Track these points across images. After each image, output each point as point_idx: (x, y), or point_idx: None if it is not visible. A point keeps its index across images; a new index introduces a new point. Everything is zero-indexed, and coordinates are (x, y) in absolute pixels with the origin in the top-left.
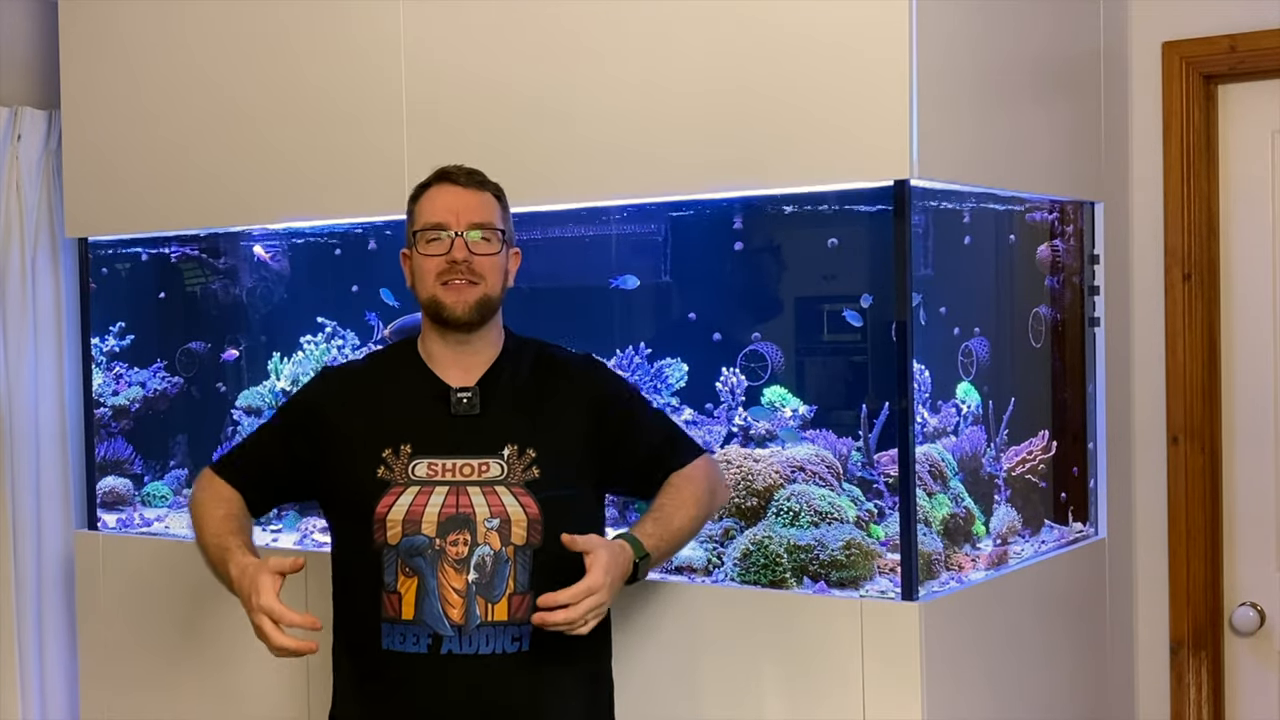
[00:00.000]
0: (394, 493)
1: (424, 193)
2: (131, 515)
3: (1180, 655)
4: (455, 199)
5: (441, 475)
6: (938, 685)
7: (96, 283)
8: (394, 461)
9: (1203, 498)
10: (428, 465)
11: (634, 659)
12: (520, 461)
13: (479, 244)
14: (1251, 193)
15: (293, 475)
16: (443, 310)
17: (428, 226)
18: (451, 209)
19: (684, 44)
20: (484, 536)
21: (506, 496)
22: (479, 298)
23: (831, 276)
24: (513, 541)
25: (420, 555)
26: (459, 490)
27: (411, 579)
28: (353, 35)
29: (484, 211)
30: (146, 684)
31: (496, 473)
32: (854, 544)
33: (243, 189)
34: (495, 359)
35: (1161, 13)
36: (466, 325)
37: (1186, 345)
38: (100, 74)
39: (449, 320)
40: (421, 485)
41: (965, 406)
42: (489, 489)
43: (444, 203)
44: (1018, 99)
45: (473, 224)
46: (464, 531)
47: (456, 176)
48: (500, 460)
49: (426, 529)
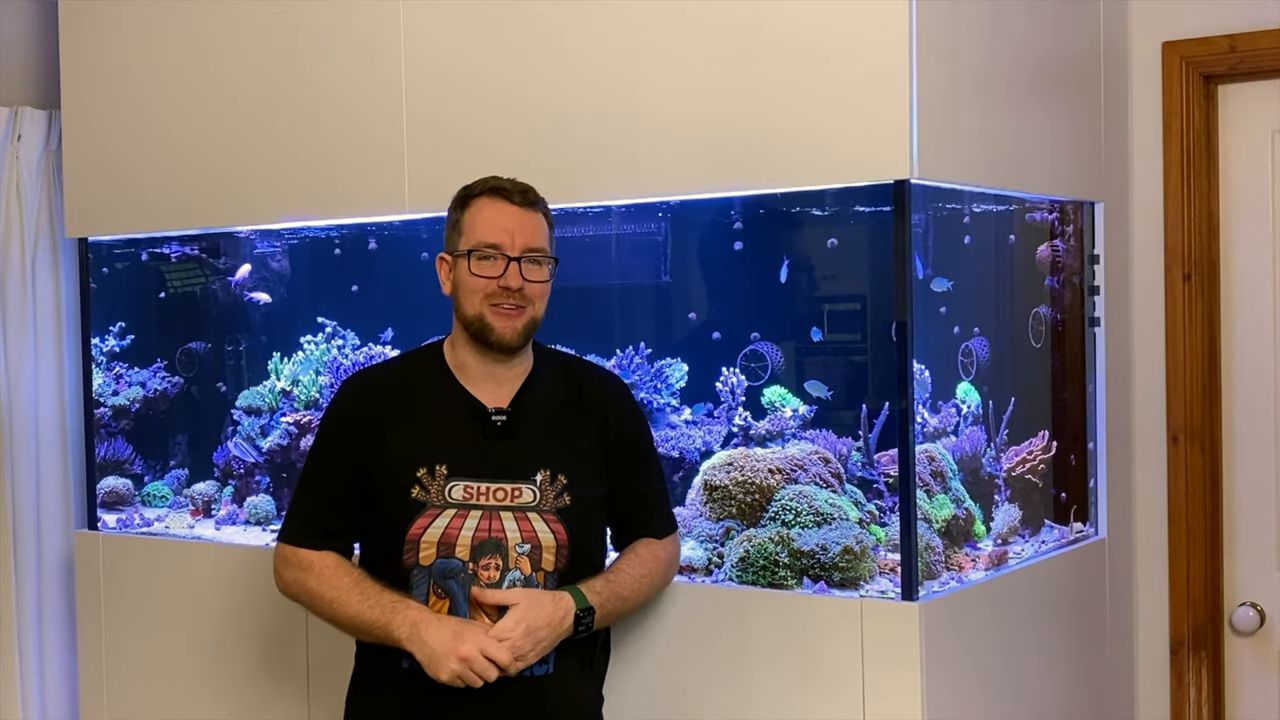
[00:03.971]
0: (430, 515)
1: (473, 203)
2: (131, 515)
3: (1180, 655)
4: (510, 219)
5: (476, 499)
6: (938, 685)
7: (96, 283)
8: (429, 482)
9: (1203, 498)
10: (464, 488)
11: (634, 659)
12: (553, 488)
13: (531, 269)
14: (1251, 193)
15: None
16: (490, 334)
17: (482, 245)
18: (507, 230)
19: (684, 43)
20: (515, 561)
21: (538, 523)
22: (527, 322)
23: (831, 276)
24: (543, 567)
25: (453, 578)
26: (492, 515)
27: (443, 600)
28: (352, 35)
29: (538, 235)
30: (146, 684)
31: (529, 499)
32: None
33: (242, 189)
34: (527, 375)
35: (1161, 13)
36: (512, 349)
37: (1186, 345)
38: (100, 74)
39: (495, 344)
40: (457, 509)
41: (965, 406)
42: (521, 515)
43: (500, 222)
44: (1018, 99)
45: (527, 248)
46: (496, 556)
47: (511, 194)
48: (533, 486)
49: (460, 552)
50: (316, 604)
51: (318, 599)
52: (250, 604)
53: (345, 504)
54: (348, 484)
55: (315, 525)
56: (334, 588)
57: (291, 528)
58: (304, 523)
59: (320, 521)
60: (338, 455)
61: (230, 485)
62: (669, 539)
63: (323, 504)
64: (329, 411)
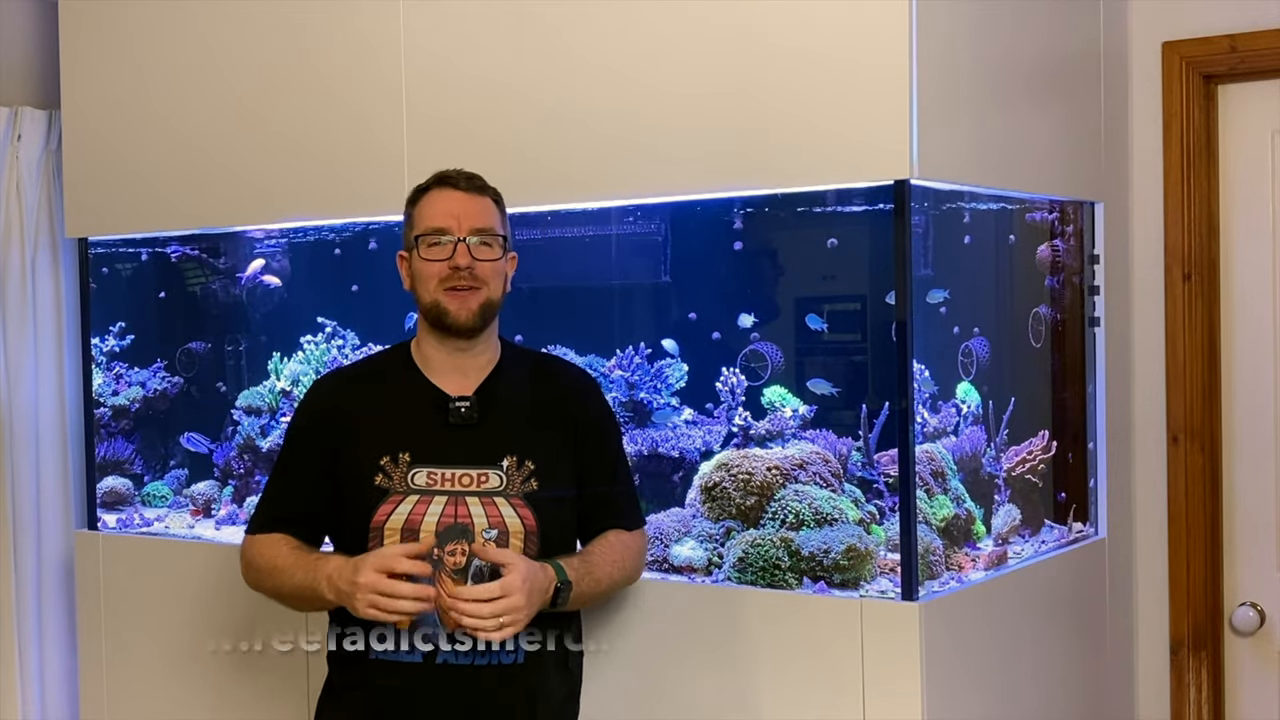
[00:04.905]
0: (393, 501)
1: (423, 196)
2: (131, 515)
3: (1180, 655)
4: (456, 204)
5: (441, 484)
6: (938, 685)
7: (96, 283)
8: (392, 470)
9: (1203, 498)
10: (427, 474)
11: (634, 659)
12: (519, 473)
13: (480, 249)
14: (1251, 193)
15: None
16: (445, 316)
17: (429, 231)
18: (453, 214)
19: (684, 43)
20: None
21: (505, 508)
22: (481, 303)
23: (831, 276)
24: None
25: None
26: (458, 500)
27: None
28: (353, 35)
29: (485, 216)
30: (146, 684)
31: (495, 484)
32: (855, 548)
33: (243, 189)
34: (493, 367)
35: (1161, 13)
36: (469, 331)
37: (1186, 345)
38: (100, 74)
39: (452, 326)
40: (421, 494)
41: (965, 406)
42: (488, 500)
43: (445, 207)
44: (1018, 99)
45: (474, 229)
46: (462, 541)
47: (456, 181)
48: (499, 471)
49: (425, 538)
50: (264, 581)
51: (263, 574)
52: (250, 604)
53: (307, 499)
54: (313, 480)
55: (274, 516)
56: (273, 558)
57: (253, 521)
58: (264, 517)
59: (279, 514)
60: (303, 452)
61: (230, 485)
62: (638, 532)
63: (283, 498)
64: (297, 410)
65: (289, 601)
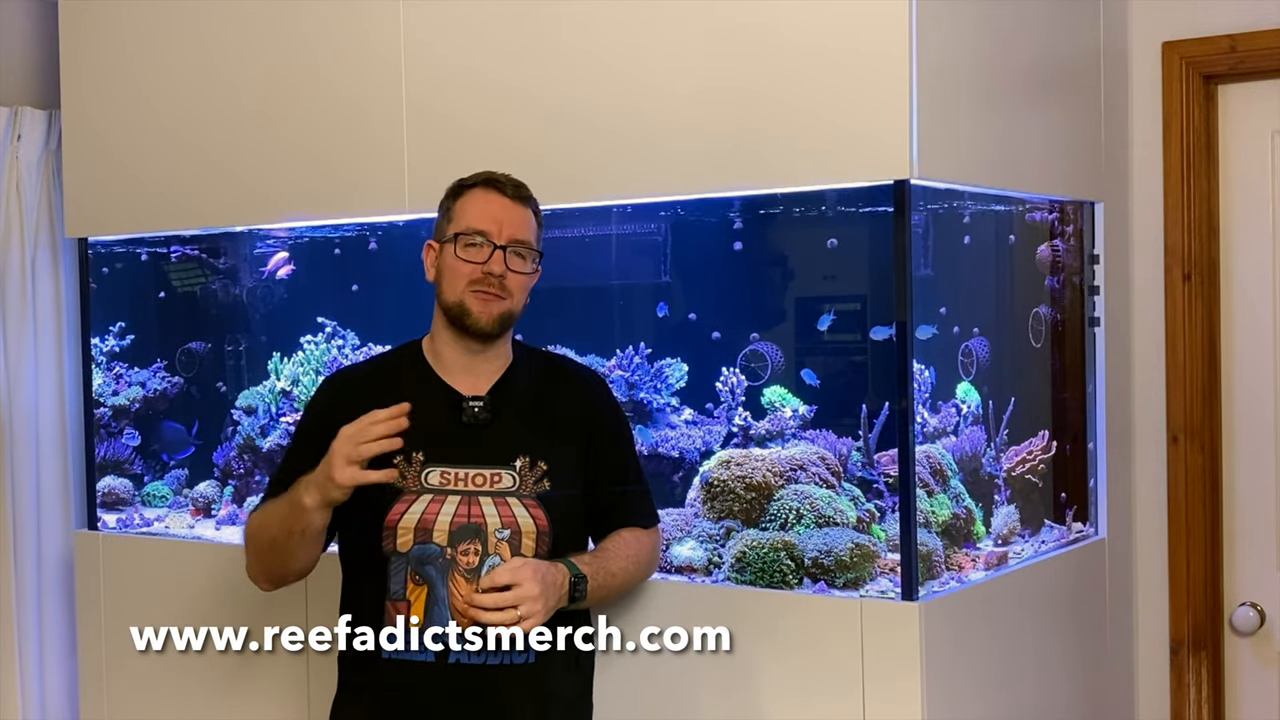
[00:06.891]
0: (406, 500)
1: (467, 192)
2: (131, 515)
3: (1180, 655)
4: (500, 209)
5: (454, 484)
6: (938, 685)
7: (96, 283)
8: (405, 469)
9: (1203, 498)
10: (440, 474)
11: (633, 658)
12: (532, 473)
13: (515, 260)
14: (1251, 193)
15: None
16: (467, 317)
17: (469, 231)
18: (496, 219)
19: (684, 43)
20: (495, 547)
21: (518, 508)
22: (503, 312)
23: (831, 276)
24: (522, 553)
25: (431, 564)
26: (471, 500)
27: (421, 587)
28: (353, 35)
29: (525, 228)
30: (146, 684)
31: (509, 484)
32: (856, 548)
33: (242, 189)
34: (505, 369)
35: (1161, 13)
36: (487, 336)
37: (1186, 345)
38: (100, 74)
39: (472, 328)
40: (434, 494)
41: (965, 406)
42: (501, 500)
43: (488, 211)
44: (1018, 99)
45: (513, 239)
46: (475, 541)
47: (504, 187)
48: (512, 471)
49: (438, 538)
50: (260, 542)
51: (258, 541)
52: (250, 604)
53: None
54: None
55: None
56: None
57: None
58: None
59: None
60: (311, 449)
61: (230, 485)
62: (653, 529)
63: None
64: (306, 408)
65: (282, 548)
